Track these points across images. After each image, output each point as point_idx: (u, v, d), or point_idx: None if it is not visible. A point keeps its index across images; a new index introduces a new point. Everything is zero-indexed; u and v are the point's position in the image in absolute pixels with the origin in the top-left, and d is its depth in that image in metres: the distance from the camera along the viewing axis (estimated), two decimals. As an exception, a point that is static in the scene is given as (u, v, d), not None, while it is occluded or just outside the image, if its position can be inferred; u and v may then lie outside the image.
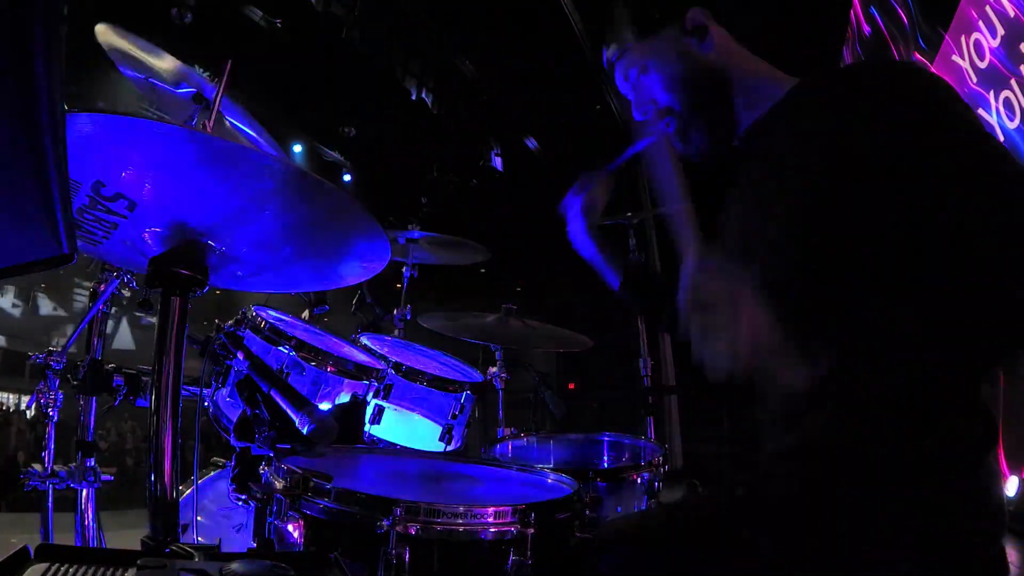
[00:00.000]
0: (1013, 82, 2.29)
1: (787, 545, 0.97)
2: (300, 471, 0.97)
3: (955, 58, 2.64)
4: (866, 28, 3.49)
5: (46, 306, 9.16)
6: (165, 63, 1.70)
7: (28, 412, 7.05)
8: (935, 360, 0.84)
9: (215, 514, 1.74)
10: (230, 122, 1.82)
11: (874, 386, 0.88)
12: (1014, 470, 2.28)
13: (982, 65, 2.48)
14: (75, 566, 0.68)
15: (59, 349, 1.69)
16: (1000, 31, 2.36)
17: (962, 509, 0.87)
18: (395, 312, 2.50)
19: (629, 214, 3.16)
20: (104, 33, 1.58)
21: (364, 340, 2.10)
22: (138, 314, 1.65)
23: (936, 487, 0.88)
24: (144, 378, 1.65)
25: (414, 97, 5.00)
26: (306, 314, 1.98)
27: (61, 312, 9.13)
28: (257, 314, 1.67)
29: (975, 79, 2.52)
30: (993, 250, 0.80)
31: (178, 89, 1.78)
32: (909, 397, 0.87)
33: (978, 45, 2.50)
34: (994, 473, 0.90)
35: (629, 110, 1.18)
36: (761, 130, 1.10)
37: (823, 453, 0.97)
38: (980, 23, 2.48)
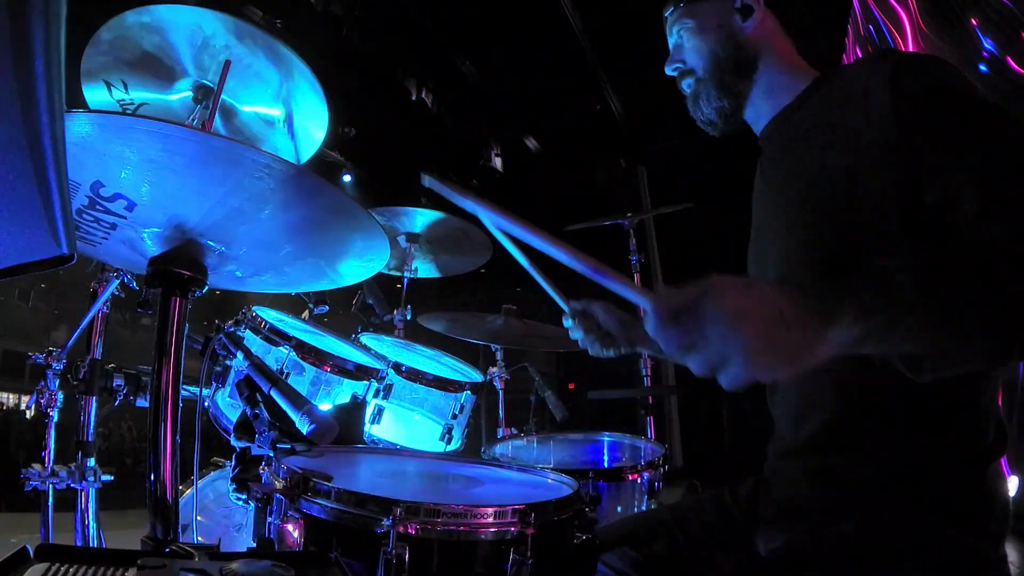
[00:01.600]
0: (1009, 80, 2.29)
1: (791, 544, 0.97)
2: (300, 471, 0.97)
3: (953, 59, 2.64)
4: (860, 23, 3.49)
5: (46, 306, 9.16)
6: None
7: (28, 412, 7.05)
8: None
9: (215, 514, 1.74)
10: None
11: (886, 387, 0.88)
12: (1015, 470, 2.28)
13: (980, 65, 2.48)
14: (75, 566, 0.68)
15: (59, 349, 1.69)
16: (997, 31, 2.37)
17: (970, 512, 0.87)
18: (395, 312, 2.49)
19: (629, 214, 3.16)
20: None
21: (364, 340, 2.10)
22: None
23: (945, 490, 0.88)
24: (144, 378, 1.65)
25: (414, 97, 5.00)
26: (306, 314, 1.97)
27: (61, 312, 9.13)
28: (257, 314, 1.67)
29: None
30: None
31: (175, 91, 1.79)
32: (921, 399, 0.87)
33: (976, 44, 2.50)
34: (1001, 477, 0.90)
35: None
36: (788, 119, 1.11)
37: (832, 452, 0.97)
38: (977, 23, 2.49)
